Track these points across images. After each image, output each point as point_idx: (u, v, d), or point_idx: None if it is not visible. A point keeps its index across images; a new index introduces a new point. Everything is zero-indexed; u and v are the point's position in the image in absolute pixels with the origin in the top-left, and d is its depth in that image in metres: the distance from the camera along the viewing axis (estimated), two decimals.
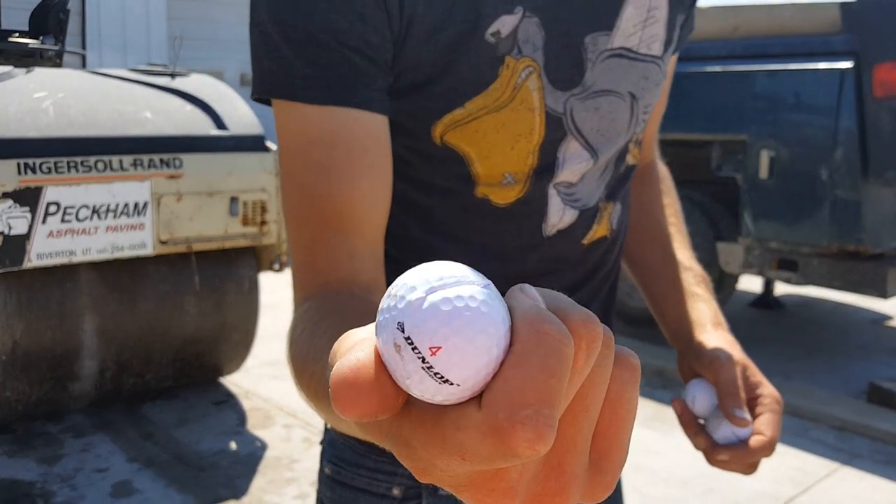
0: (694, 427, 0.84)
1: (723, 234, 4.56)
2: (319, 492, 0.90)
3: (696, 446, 0.84)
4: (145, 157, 3.25)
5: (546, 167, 0.77)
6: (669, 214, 1.02)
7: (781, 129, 4.10)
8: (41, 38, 4.99)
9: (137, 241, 3.27)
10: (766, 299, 5.64)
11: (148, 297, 3.46)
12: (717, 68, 4.41)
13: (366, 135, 0.66)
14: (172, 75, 3.75)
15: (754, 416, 0.82)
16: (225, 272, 3.65)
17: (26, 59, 4.75)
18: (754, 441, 0.80)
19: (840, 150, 3.86)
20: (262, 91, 0.68)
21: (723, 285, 4.66)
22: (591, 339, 0.30)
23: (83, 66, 5.45)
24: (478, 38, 0.69)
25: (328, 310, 0.61)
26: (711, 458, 0.82)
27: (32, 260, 3.07)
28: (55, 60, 5.01)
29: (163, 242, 3.31)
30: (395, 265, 0.79)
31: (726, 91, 4.36)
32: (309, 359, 0.54)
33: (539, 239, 0.81)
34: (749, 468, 0.82)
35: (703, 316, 0.91)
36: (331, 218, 0.66)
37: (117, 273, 3.38)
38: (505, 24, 0.70)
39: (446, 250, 0.78)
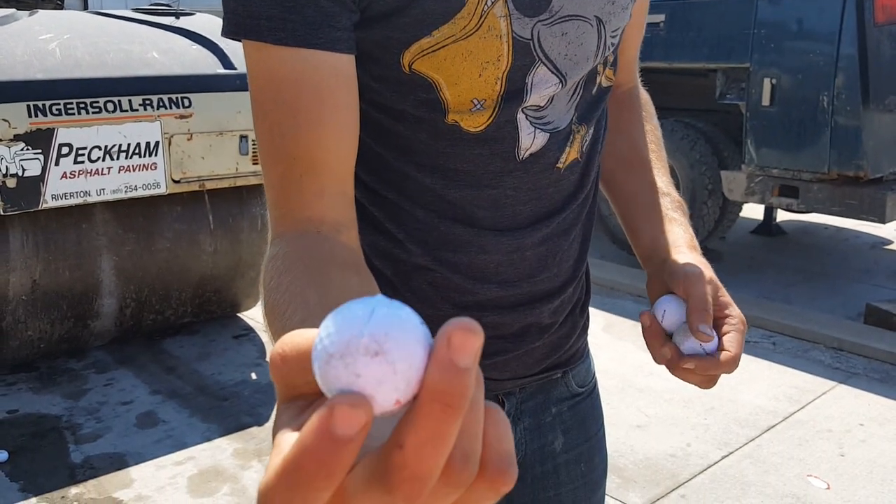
0: (660, 339, 0.83)
1: (726, 162, 4.61)
2: None
3: (660, 357, 0.83)
4: (154, 98, 3.28)
5: (514, 93, 0.78)
6: (650, 141, 1.02)
7: (784, 57, 4.11)
8: None
9: (150, 180, 3.32)
10: (767, 226, 5.71)
11: (164, 235, 3.53)
12: None
13: (332, 75, 0.68)
14: (177, 15, 3.75)
15: (721, 335, 0.82)
16: (238, 211, 3.72)
17: (27, 1, 4.73)
18: (723, 356, 0.80)
19: (841, 77, 3.88)
20: (230, 32, 0.70)
21: (726, 212, 4.74)
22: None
23: (84, 6, 5.40)
24: None
25: (293, 258, 0.63)
26: (676, 367, 0.82)
27: (48, 201, 3.13)
28: (56, 2, 4.98)
29: (175, 181, 3.37)
30: (373, 196, 0.82)
31: (729, 19, 4.35)
32: (273, 315, 0.58)
33: (513, 164, 0.82)
34: (709, 381, 0.83)
35: (678, 238, 0.91)
36: (300, 156, 0.68)
37: (132, 212, 3.44)
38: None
39: (421, 178, 0.80)
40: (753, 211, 5.90)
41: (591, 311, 1.00)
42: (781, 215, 5.89)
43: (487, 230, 0.83)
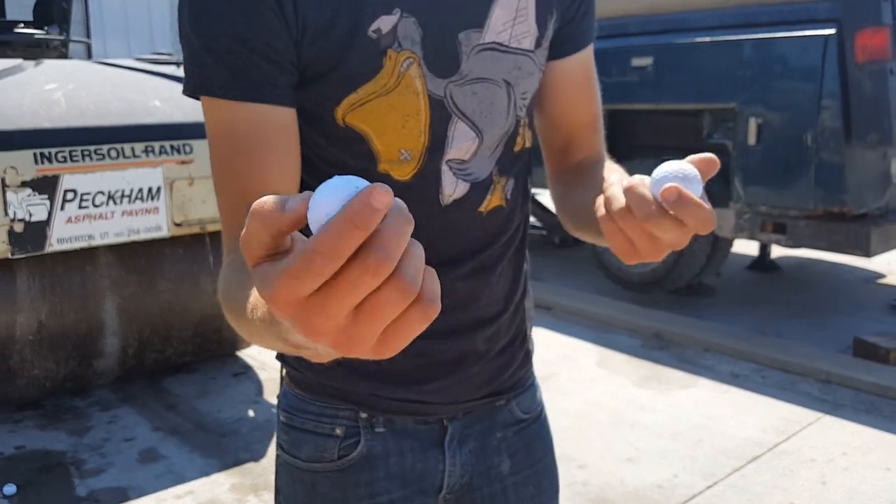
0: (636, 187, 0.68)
1: (715, 199, 4.69)
2: (277, 436, 1.04)
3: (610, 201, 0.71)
4: (156, 144, 3.40)
5: (437, 145, 0.90)
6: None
7: (768, 97, 4.23)
8: (46, 28, 5.14)
9: (153, 224, 3.43)
10: (762, 262, 5.79)
11: (165, 277, 3.63)
12: (706, 38, 4.53)
13: (276, 125, 0.82)
14: (178, 64, 3.89)
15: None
16: None
17: (32, 49, 4.90)
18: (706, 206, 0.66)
19: (824, 115, 3.99)
20: (190, 90, 0.83)
21: (717, 249, 4.82)
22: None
23: (88, 54, 5.59)
24: (361, 35, 0.82)
25: (243, 265, 0.71)
26: (637, 190, 0.67)
27: (53, 245, 3.24)
28: (61, 50, 5.15)
29: (177, 224, 3.48)
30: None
31: (715, 60, 4.48)
32: (234, 294, 0.66)
33: (438, 208, 0.94)
34: (659, 232, 0.67)
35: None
36: (247, 188, 0.80)
37: (135, 255, 3.55)
38: (384, 23, 0.83)
39: None
40: (749, 247, 5.99)
41: (586, 345, 1.09)
42: (777, 251, 5.97)
43: None
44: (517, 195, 1.00)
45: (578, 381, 3.83)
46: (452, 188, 0.93)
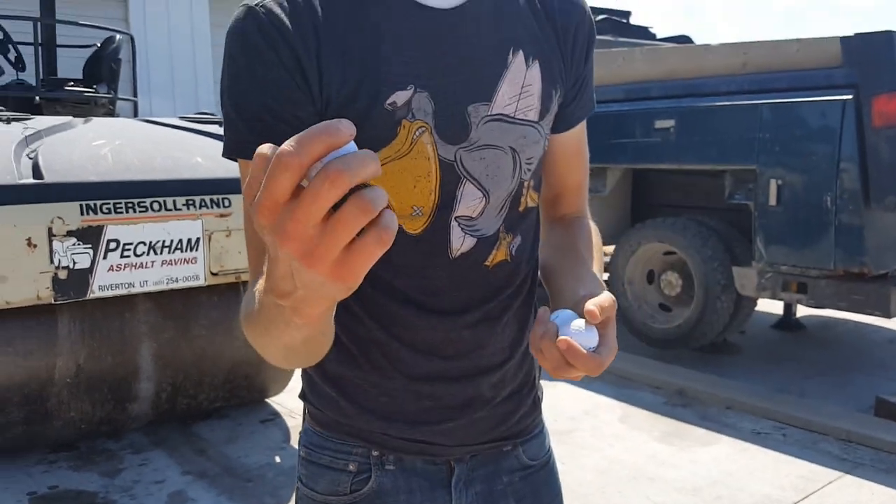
0: (546, 326, 0.89)
1: (738, 258, 4.77)
2: (297, 470, 1.12)
3: (538, 335, 0.88)
4: (197, 198, 3.57)
5: (447, 203, 0.99)
6: (593, 250, 1.13)
7: (788, 159, 4.33)
8: (95, 86, 5.40)
9: (191, 273, 3.58)
10: (786, 321, 5.82)
11: (200, 323, 3.77)
12: (727, 102, 4.66)
13: None
14: (219, 123, 4.09)
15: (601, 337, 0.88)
16: None
17: (82, 106, 5.14)
18: (593, 355, 0.85)
19: (843, 178, 4.08)
20: (227, 153, 0.95)
21: (740, 307, 4.87)
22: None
23: (135, 112, 5.84)
24: (379, 108, 0.91)
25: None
26: (547, 343, 0.86)
27: (95, 291, 3.38)
28: (108, 107, 5.40)
29: (214, 274, 3.62)
30: None
31: (736, 123, 4.60)
32: (248, 301, 0.78)
33: (446, 260, 1.01)
34: (564, 370, 0.87)
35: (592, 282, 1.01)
36: None
37: (172, 302, 3.69)
38: (400, 97, 0.93)
39: (375, 268, 0.93)
40: (775, 305, 6.01)
41: (608, 401, 1.17)
42: (802, 310, 5.99)
43: (429, 312, 1.02)
44: (523, 251, 1.08)
45: (600, 436, 3.88)
46: (460, 242, 1.01)
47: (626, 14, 7.65)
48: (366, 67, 0.92)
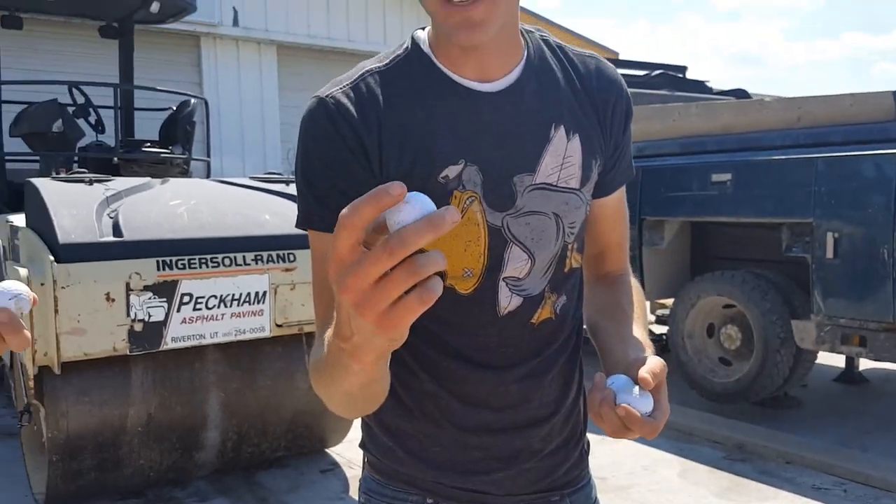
0: (603, 393, 0.97)
1: (797, 311, 4.74)
2: None
3: (595, 402, 0.97)
4: (265, 254, 3.74)
5: (495, 265, 1.08)
6: (635, 306, 1.22)
7: (844, 212, 4.32)
8: (170, 147, 5.70)
9: (257, 325, 3.74)
10: (849, 374, 5.71)
11: (265, 374, 3.91)
12: (783, 156, 4.68)
13: None
14: (287, 182, 4.29)
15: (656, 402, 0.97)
16: None
17: (158, 166, 5.42)
18: (649, 420, 0.95)
19: None
20: (299, 223, 1.07)
21: (800, 361, 4.81)
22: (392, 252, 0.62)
23: (208, 171, 6.13)
24: (433, 181, 1.02)
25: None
26: (607, 409, 0.95)
27: (168, 343, 3.55)
28: (183, 167, 5.68)
29: (279, 326, 3.78)
30: None
31: (792, 177, 4.61)
32: (316, 351, 0.88)
33: (494, 318, 1.10)
34: (622, 432, 0.96)
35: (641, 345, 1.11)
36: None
37: (239, 353, 3.85)
38: (451, 171, 1.04)
39: (430, 326, 1.08)
40: (838, 359, 5.90)
41: (667, 456, 1.23)
42: (865, 363, 5.86)
43: (478, 367, 1.11)
44: (567, 310, 1.16)
45: (658, 491, 3.86)
46: (508, 301, 1.10)
47: (683, 69, 7.74)
48: (421, 146, 1.03)
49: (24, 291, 0.89)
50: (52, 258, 3.22)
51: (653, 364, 0.98)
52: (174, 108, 5.90)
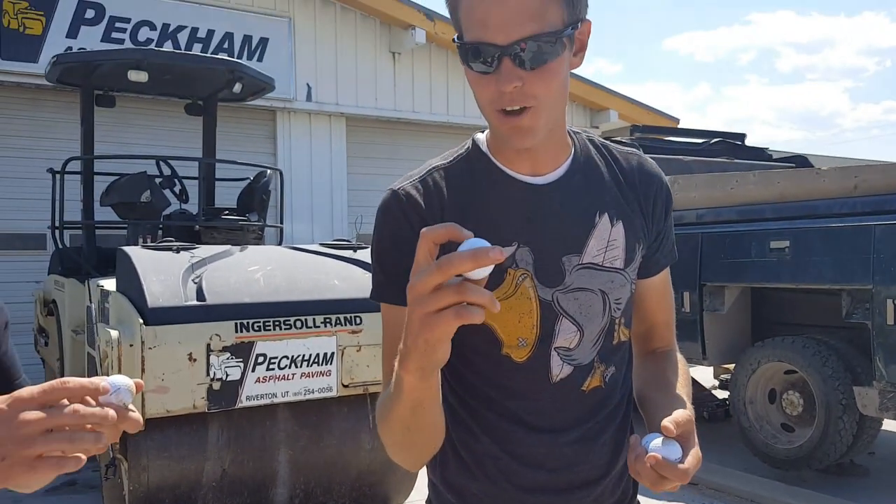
0: (636, 450, 1.08)
1: (859, 377, 4.71)
2: None
3: (630, 461, 1.08)
4: (333, 317, 3.96)
5: (546, 336, 1.19)
6: (679, 377, 1.31)
7: None
8: (247, 214, 6.03)
9: (325, 385, 3.93)
10: None
11: (332, 433, 4.08)
12: (840, 223, 4.73)
13: None
14: (354, 248, 4.53)
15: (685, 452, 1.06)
16: None
17: (234, 232, 5.75)
18: (679, 465, 1.04)
19: None
20: (373, 297, 1.22)
21: (864, 428, 4.77)
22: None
23: (280, 237, 6.44)
24: None
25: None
26: (640, 460, 1.05)
27: (243, 401, 3.75)
28: (258, 233, 6.01)
29: (345, 386, 3.96)
30: (460, 401, 1.24)
31: (850, 244, 4.65)
32: (382, 400, 1.05)
33: (548, 385, 1.21)
34: (660, 483, 1.05)
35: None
36: None
37: (307, 412, 4.03)
38: (505, 252, 1.15)
39: (488, 391, 1.21)
40: None
41: None
42: None
43: (534, 430, 1.22)
44: (616, 380, 1.26)
45: None
46: (559, 369, 1.21)
47: (741, 136, 7.83)
48: (478, 229, 1.17)
49: (124, 384, 0.94)
50: (141, 321, 3.48)
51: (676, 414, 1.08)
52: (251, 178, 6.25)
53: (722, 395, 6.65)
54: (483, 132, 1.29)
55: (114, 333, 3.50)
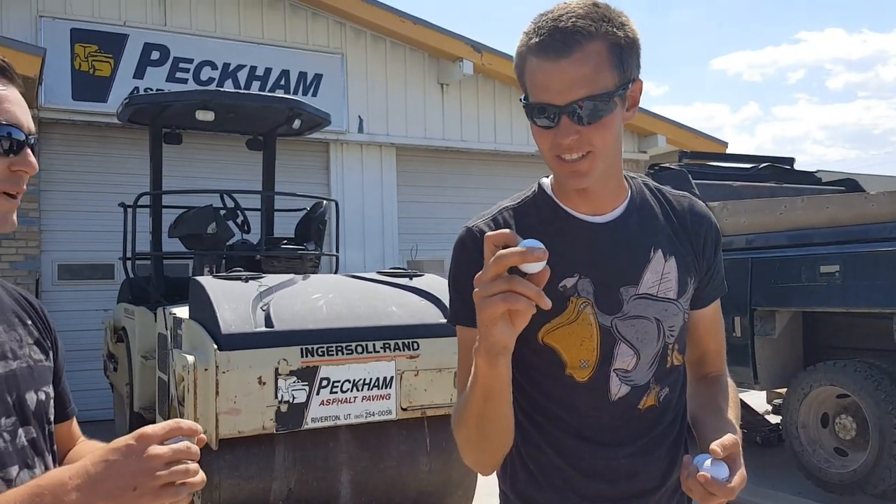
0: (687, 469, 1.23)
1: None
2: None
3: (684, 473, 1.23)
4: (392, 342, 4.13)
5: (606, 358, 1.33)
6: (729, 401, 1.45)
7: None
8: (304, 244, 6.27)
9: (385, 408, 4.10)
10: None
11: (391, 455, 4.23)
12: (890, 247, 4.77)
13: None
14: (410, 276, 4.72)
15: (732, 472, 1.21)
16: (450, 436, 4.34)
17: (293, 261, 5.98)
18: (727, 484, 1.19)
19: None
20: (450, 321, 1.39)
21: None
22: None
23: (336, 265, 6.67)
24: (553, 289, 1.24)
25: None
26: (691, 479, 1.20)
27: (308, 423, 3.93)
28: (315, 261, 6.24)
29: (404, 409, 4.12)
30: (528, 418, 1.37)
31: None
32: (457, 403, 1.21)
33: (607, 403, 1.34)
34: (707, 496, 1.19)
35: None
36: None
37: (368, 434, 4.19)
38: (568, 282, 1.33)
39: (554, 409, 1.35)
40: None
41: None
42: None
43: (595, 444, 1.36)
44: (670, 400, 1.40)
45: None
46: (617, 389, 1.35)
47: (790, 160, 7.86)
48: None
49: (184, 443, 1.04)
50: (215, 346, 3.71)
51: (724, 438, 1.22)
52: (308, 209, 6.51)
53: (775, 419, 6.65)
54: (548, 177, 1.45)
55: (190, 358, 3.73)
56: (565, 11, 1.24)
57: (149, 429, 1.02)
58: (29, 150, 1.19)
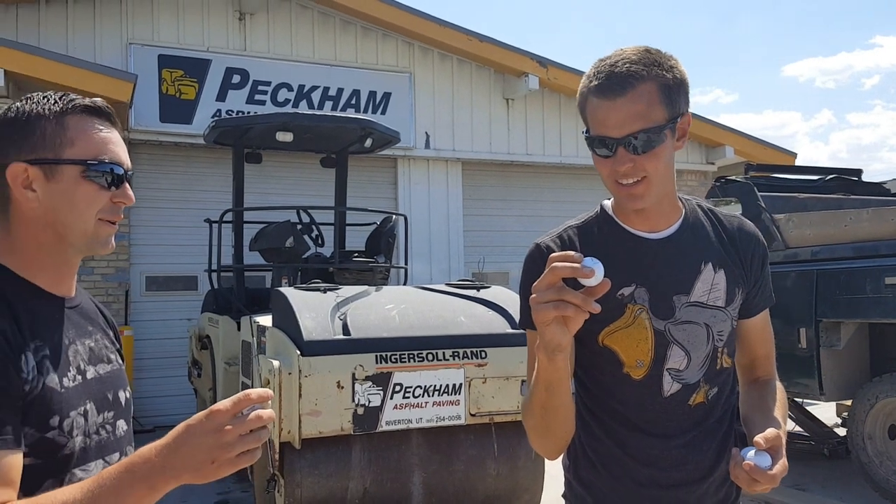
0: (735, 459, 1.35)
1: None
2: None
3: (732, 462, 1.36)
4: (461, 351, 4.34)
5: (659, 358, 1.48)
6: (777, 402, 1.57)
7: None
8: (375, 257, 6.55)
9: (454, 413, 4.31)
10: None
11: (460, 458, 4.43)
12: None
13: None
14: (478, 288, 4.93)
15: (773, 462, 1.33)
16: (517, 442, 4.53)
17: (363, 273, 6.26)
18: (769, 472, 1.31)
19: None
20: (520, 325, 1.53)
21: None
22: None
23: (405, 277, 6.94)
24: (613, 297, 1.41)
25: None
26: (737, 466, 1.34)
27: (382, 426, 4.16)
28: (384, 273, 6.50)
29: (472, 415, 4.33)
30: (588, 412, 1.56)
31: None
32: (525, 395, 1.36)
33: (660, 399, 1.49)
34: (753, 485, 1.33)
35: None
36: None
37: (438, 438, 4.39)
38: (626, 291, 1.48)
39: (612, 404, 1.51)
40: None
41: None
42: None
43: (649, 435, 1.52)
44: (718, 399, 1.55)
45: None
46: (670, 386, 1.50)
47: (858, 172, 7.81)
48: (605, 274, 1.47)
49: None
50: (298, 352, 3.99)
51: (767, 432, 1.36)
52: (378, 223, 6.79)
53: (843, 432, 6.62)
54: (609, 199, 1.63)
55: (275, 363, 4.02)
56: (620, 58, 1.42)
57: (220, 405, 1.10)
58: (127, 185, 1.34)
